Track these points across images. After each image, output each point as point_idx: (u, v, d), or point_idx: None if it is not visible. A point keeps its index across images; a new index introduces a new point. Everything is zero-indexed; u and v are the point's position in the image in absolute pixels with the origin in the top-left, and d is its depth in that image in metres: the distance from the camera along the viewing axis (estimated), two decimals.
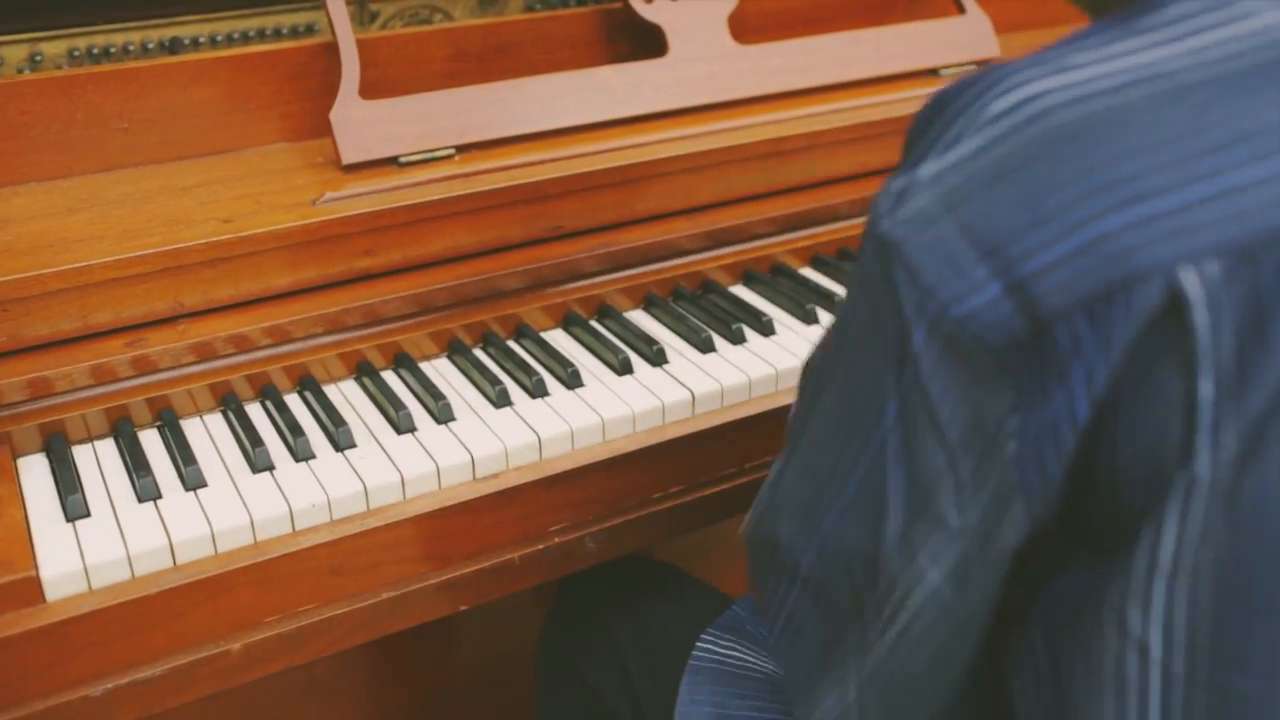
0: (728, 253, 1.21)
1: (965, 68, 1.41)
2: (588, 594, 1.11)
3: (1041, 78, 0.53)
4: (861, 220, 1.28)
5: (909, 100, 1.32)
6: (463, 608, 0.94)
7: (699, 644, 0.92)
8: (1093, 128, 0.51)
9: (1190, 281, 0.49)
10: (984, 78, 0.55)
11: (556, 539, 0.96)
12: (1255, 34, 0.53)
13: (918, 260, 0.53)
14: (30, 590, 0.80)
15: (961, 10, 1.44)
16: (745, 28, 1.33)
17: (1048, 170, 0.51)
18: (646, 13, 1.27)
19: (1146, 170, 0.50)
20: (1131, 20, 0.55)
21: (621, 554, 1.02)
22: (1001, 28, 1.44)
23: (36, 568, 0.80)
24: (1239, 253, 0.50)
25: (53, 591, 0.81)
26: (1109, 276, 0.50)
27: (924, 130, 0.57)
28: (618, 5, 1.30)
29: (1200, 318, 0.49)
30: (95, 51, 1.21)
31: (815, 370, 0.66)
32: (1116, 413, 0.52)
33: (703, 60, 1.28)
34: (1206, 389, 0.50)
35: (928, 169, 0.54)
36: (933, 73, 1.39)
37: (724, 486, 1.01)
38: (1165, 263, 0.49)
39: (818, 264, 1.24)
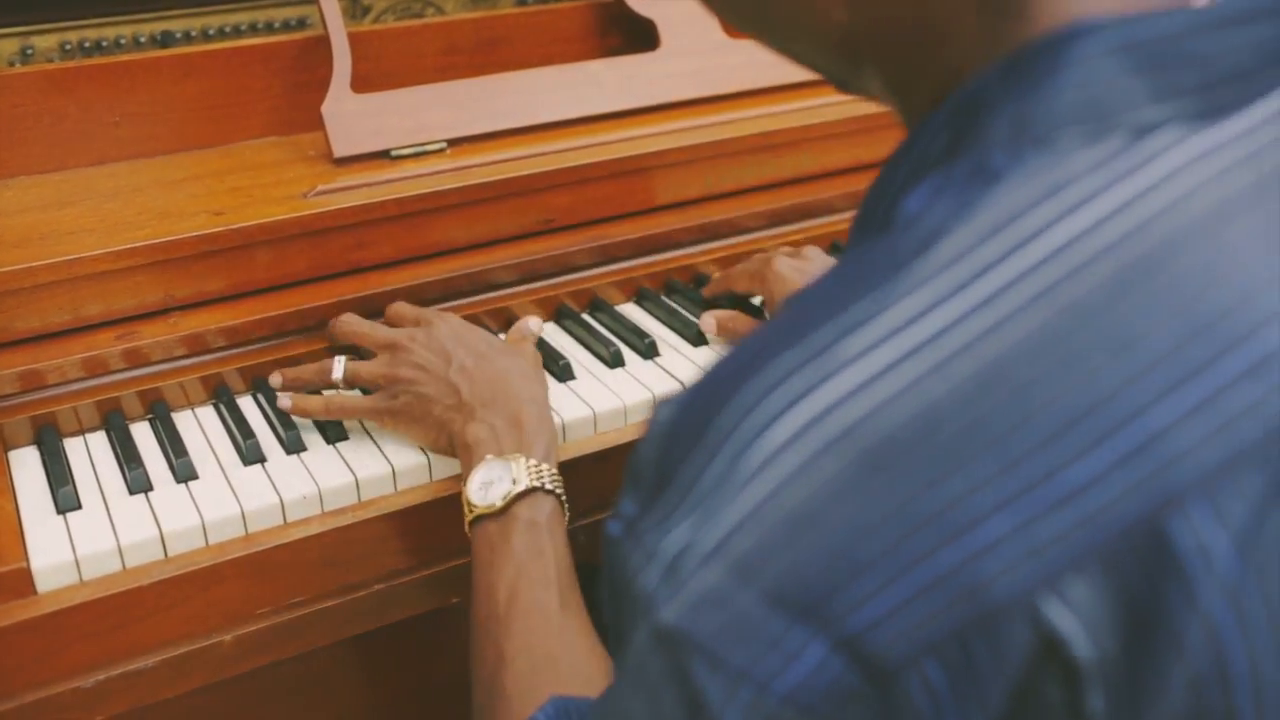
0: (719, 246, 1.21)
1: None
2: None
3: (818, 385, 0.42)
4: (853, 214, 1.29)
5: None
6: (455, 600, 0.94)
7: None
8: (900, 447, 0.41)
9: (1058, 614, 0.41)
10: (743, 388, 0.44)
11: None
12: (1050, 262, 0.42)
13: (719, 645, 0.43)
14: (21, 582, 0.80)
15: None
16: None
17: (859, 509, 0.41)
18: (639, 6, 1.28)
19: (974, 488, 0.41)
20: (897, 267, 0.44)
21: None
22: None
23: (27, 559, 0.80)
24: (1102, 561, 0.41)
25: (44, 583, 0.81)
26: (956, 618, 0.41)
27: (676, 462, 0.45)
28: None
29: (1082, 650, 0.41)
30: (87, 45, 1.21)
31: None
32: None
33: (695, 54, 1.28)
34: (1097, 703, 0.42)
35: (706, 534, 0.43)
36: None
37: None
38: (1019, 594, 0.41)
39: None
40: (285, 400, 0.95)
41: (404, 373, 0.92)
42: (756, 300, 1.12)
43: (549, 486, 0.84)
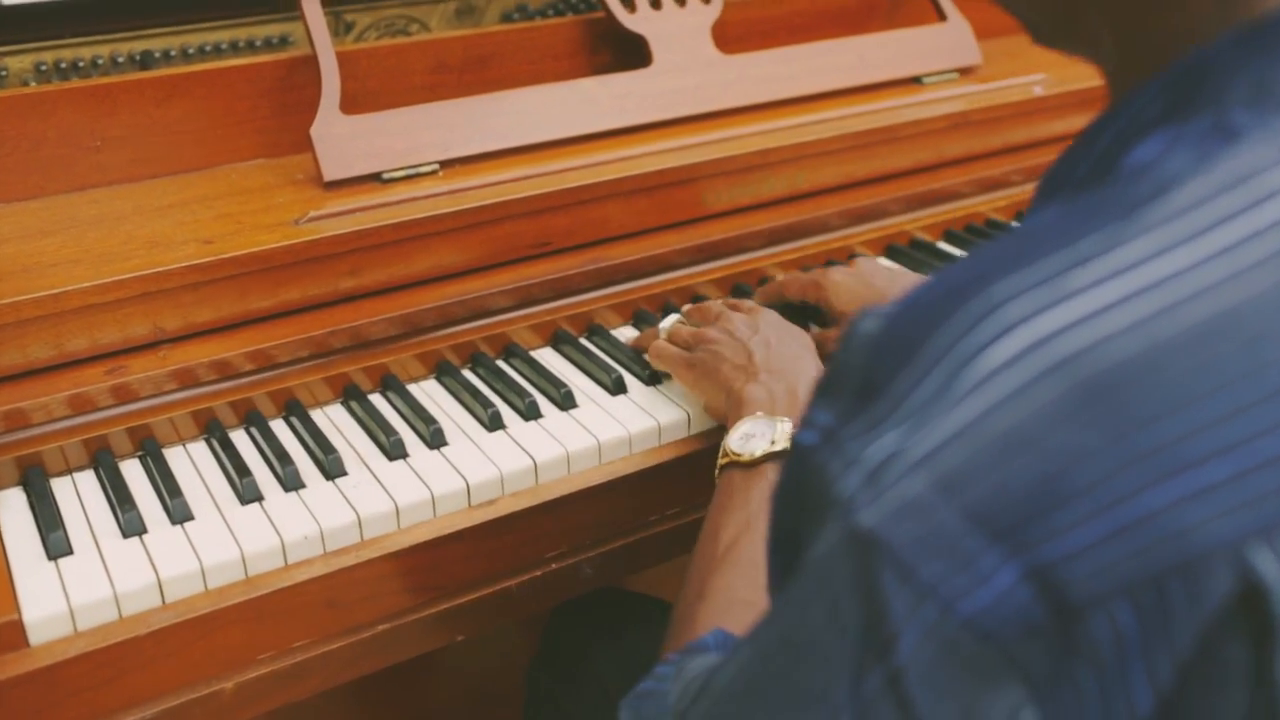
0: (716, 267, 1.19)
1: (948, 75, 1.40)
2: (571, 630, 1.09)
3: (1044, 310, 0.43)
4: (849, 231, 1.28)
5: (893, 109, 1.31)
6: (460, 638, 0.92)
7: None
8: (1123, 380, 0.42)
9: (1265, 562, 0.41)
10: (964, 307, 0.44)
11: (554, 565, 0.93)
12: None
13: (912, 557, 0.43)
14: (13, 634, 0.76)
15: (942, 17, 1.43)
16: (728, 37, 1.32)
17: (1074, 438, 0.41)
18: (629, 22, 1.25)
19: (1195, 430, 0.41)
20: (1130, 209, 0.44)
21: (617, 578, 1.00)
22: (982, 34, 1.43)
23: (19, 611, 0.77)
24: None
25: (37, 635, 0.77)
26: (1159, 560, 0.41)
27: (888, 374, 0.45)
28: (599, 15, 1.28)
29: None
30: (63, 66, 1.17)
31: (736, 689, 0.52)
32: (1185, 701, 0.44)
33: (687, 70, 1.26)
34: None
35: (915, 445, 0.43)
36: (916, 80, 1.38)
37: None
38: (1229, 541, 0.41)
39: None
40: (635, 336, 1.09)
41: (711, 333, 1.00)
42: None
43: None
